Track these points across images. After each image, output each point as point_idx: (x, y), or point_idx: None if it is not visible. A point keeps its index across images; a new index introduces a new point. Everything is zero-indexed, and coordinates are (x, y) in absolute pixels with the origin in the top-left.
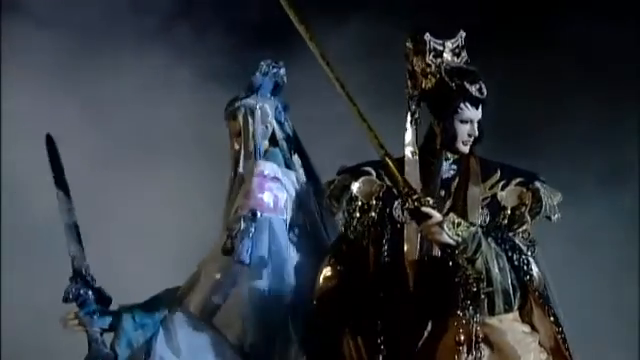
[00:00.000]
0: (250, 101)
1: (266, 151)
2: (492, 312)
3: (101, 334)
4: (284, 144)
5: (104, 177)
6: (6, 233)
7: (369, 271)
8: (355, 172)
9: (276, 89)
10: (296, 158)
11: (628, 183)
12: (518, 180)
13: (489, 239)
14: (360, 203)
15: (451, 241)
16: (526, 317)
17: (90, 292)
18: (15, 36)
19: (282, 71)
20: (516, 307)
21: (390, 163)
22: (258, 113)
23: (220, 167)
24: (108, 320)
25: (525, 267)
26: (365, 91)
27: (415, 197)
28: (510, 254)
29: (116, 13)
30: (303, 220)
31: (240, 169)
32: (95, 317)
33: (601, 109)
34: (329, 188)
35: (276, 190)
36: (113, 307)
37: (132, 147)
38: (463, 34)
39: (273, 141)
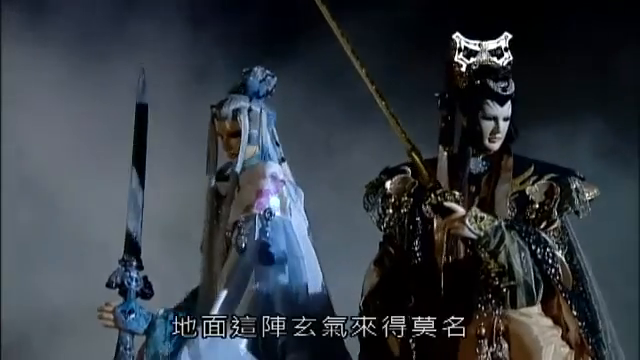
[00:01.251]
0: (254, 106)
1: (258, 155)
2: (514, 305)
3: (132, 337)
4: (274, 151)
5: None
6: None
7: (404, 267)
8: (393, 171)
9: (265, 97)
10: (285, 165)
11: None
12: (551, 175)
13: (512, 232)
14: (393, 200)
15: (473, 235)
16: (551, 310)
17: (134, 283)
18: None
19: (274, 80)
20: (539, 300)
21: (416, 157)
22: (264, 115)
23: None
24: (142, 324)
25: (550, 260)
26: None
27: (439, 192)
28: (534, 248)
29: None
30: (302, 224)
31: (237, 168)
32: (130, 317)
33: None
34: (367, 187)
35: (285, 192)
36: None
37: None
38: (508, 35)
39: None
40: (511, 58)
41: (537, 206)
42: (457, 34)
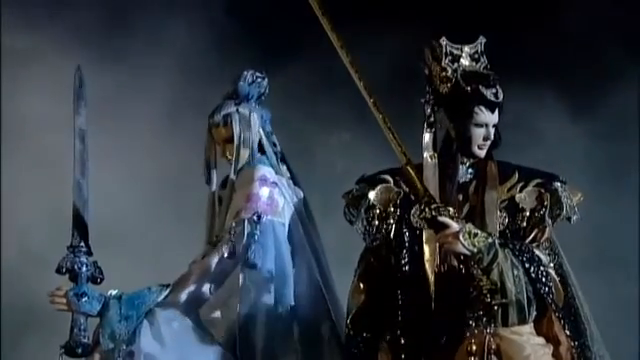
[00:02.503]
0: (242, 109)
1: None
2: (506, 324)
3: (85, 319)
4: (271, 152)
5: None
6: None
7: (392, 280)
8: (373, 180)
9: (259, 99)
10: (283, 166)
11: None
12: (536, 181)
13: (506, 250)
14: (378, 211)
15: (466, 251)
16: (543, 329)
17: (84, 267)
18: None
19: (265, 81)
20: (531, 319)
21: (411, 171)
22: (254, 120)
23: None
24: (96, 306)
25: (544, 279)
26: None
27: (434, 206)
28: (528, 266)
29: None
30: (298, 225)
31: (231, 175)
32: (83, 300)
33: None
34: (347, 198)
35: (276, 194)
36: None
37: None
38: (483, 40)
39: (260, 149)
40: (486, 62)
41: (528, 213)
42: (443, 38)
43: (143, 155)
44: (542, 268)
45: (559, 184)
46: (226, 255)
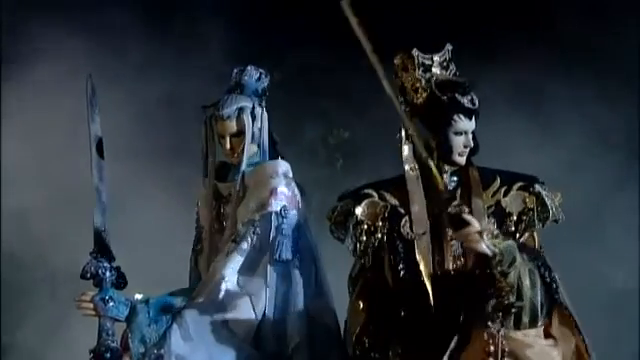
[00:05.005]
0: (255, 102)
1: (258, 154)
2: (517, 327)
3: (112, 324)
4: (273, 148)
5: None
6: None
7: (391, 294)
8: (356, 196)
9: (263, 95)
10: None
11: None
12: (519, 184)
13: (523, 254)
14: (366, 226)
15: (488, 251)
16: (550, 332)
17: (108, 272)
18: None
19: (267, 78)
20: (541, 323)
21: (433, 166)
22: (265, 116)
23: None
24: (123, 311)
25: (554, 284)
26: None
27: (455, 203)
28: (542, 271)
29: None
30: (307, 224)
31: (243, 167)
32: (110, 305)
33: None
34: (332, 215)
35: (296, 190)
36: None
37: None
38: (450, 47)
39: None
40: (455, 69)
41: (515, 217)
42: (415, 50)
43: None
44: (553, 274)
45: (539, 186)
46: (250, 250)
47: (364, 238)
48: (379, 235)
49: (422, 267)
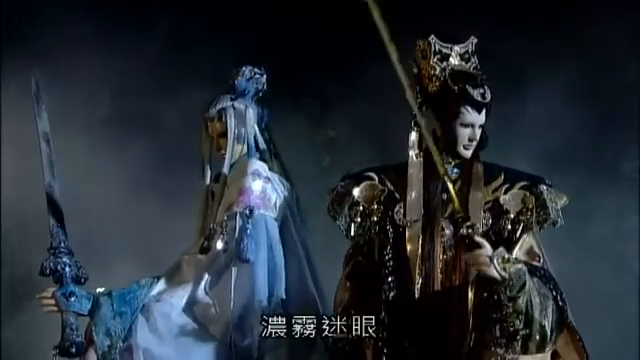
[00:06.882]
0: (238, 104)
1: (246, 154)
2: (525, 352)
3: (76, 318)
4: (265, 148)
5: None
6: None
7: (377, 277)
8: (357, 177)
9: (256, 95)
10: (276, 162)
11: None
12: (522, 184)
13: (534, 279)
14: (362, 208)
15: (497, 276)
16: (556, 349)
17: (68, 268)
18: None
19: (264, 78)
20: (548, 349)
21: (450, 186)
22: (249, 115)
23: None
24: (86, 305)
25: (565, 306)
26: None
27: (469, 224)
28: (555, 294)
29: None
30: (289, 221)
31: (225, 169)
32: (72, 300)
33: None
34: (331, 194)
35: (269, 189)
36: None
37: None
38: (474, 40)
39: (255, 145)
40: (477, 63)
41: (512, 216)
42: (432, 36)
43: None
44: (564, 295)
45: (545, 187)
46: (220, 250)
47: (358, 219)
48: (374, 218)
49: (408, 253)
